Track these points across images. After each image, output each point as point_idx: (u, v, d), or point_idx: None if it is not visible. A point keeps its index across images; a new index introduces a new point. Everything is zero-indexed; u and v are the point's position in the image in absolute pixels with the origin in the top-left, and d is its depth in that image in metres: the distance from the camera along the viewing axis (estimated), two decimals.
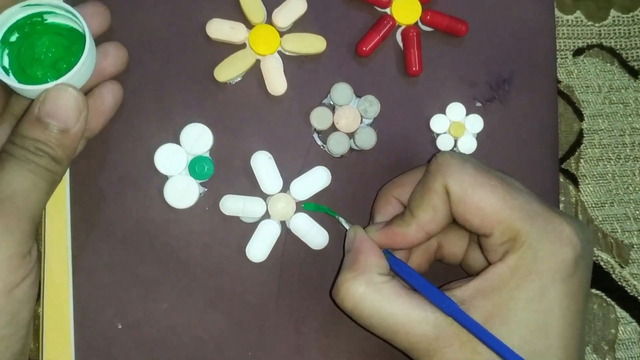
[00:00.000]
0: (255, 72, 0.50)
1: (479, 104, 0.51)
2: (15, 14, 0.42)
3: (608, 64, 0.56)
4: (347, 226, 0.47)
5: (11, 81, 0.40)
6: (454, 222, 0.43)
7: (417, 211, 0.43)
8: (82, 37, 0.42)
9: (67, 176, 0.48)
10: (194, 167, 0.48)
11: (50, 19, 0.43)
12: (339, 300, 0.43)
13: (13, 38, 0.42)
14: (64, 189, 0.48)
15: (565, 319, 0.39)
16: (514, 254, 0.40)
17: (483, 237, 0.42)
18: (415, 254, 0.47)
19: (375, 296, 0.41)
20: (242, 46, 0.50)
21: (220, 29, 0.49)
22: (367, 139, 0.49)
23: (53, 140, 0.39)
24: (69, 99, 0.39)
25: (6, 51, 0.42)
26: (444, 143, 0.51)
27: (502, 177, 0.42)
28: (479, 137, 0.51)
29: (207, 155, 0.49)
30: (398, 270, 0.44)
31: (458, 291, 0.41)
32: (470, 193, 0.41)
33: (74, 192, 0.48)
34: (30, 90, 0.40)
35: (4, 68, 0.42)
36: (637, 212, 0.55)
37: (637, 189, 0.55)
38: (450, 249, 0.48)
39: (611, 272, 0.55)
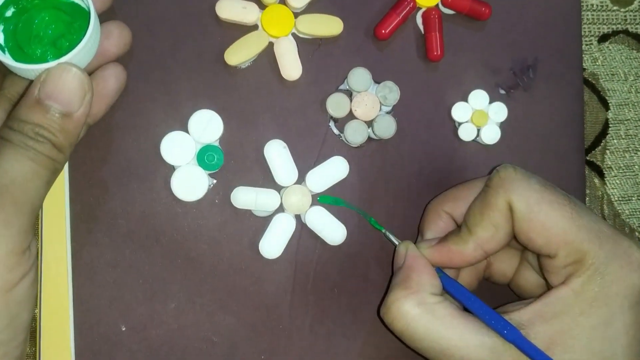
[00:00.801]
0: (268, 56, 0.47)
1: (502, 92, 0.49)
2: None
3: (634, 51, 0.53)
4: (396, 242, 0.45)
5: (8, 60, 0.37)
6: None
7: (476, 228, 0.40)
8: (85, 12, 0.39)
9: (66, 167, 0.45)
10: (203, 156, 0.45)
11: None
12: (389, 319, 0.40)
13: (9, 13, 0.39)
14: (62, 181, 0.44)
15: (631, 349, 0.37)
16: (579, 277, 0.37)
17: (545, 258, 0.39)
18: (464, 272, 0.45)
19: (428, 317, 0.39)
20: (254, 27, 0.47)
21: (231, 8, 0.46)
22: (387, 128, 0.46)
23: (54, 125, 0.36)
24: (73, 79, 0.36)
25: (1, 27, 0.39)
26: (466, 132, 0.48)
27: (567, 195, 0.39)
28: (503, 126, 0.48)
29: (217, 144, 0.46)
30: (452, 290, 0.41)
31: (515, 314, 0.38)
32: (537, 210, 0.38)
33: (74, 183, 0.44)
34: (29, 69, 0.36)
35: None
36: None
37: None
38: (500, 267, 0.45)
39: None
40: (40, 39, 0.39)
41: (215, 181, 0.46)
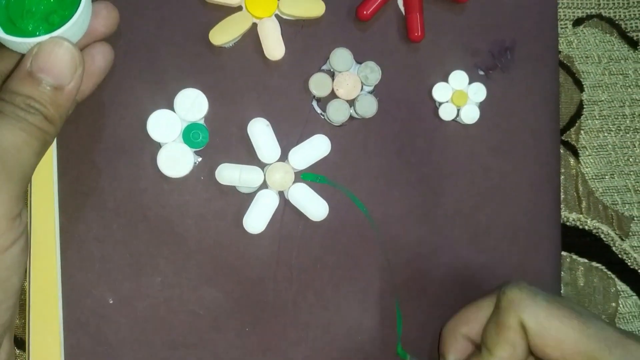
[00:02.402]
0: (252, 36, 0.48)
1: (481, 73, 0.50)
2: None
3: (607, 35, 0.55)
4: None
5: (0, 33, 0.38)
6: None
7: (496, 349, 0.42)
8: None
9: (54, 143, 0.45)
10: (189, 134, 0.46)
11: None
12: None
13: None
14: (51, 157, 0.45)
15: None
16: None
17: None
18: None
19: None
20: (238, 9, 0.47)
21: None
22: (368, 107, 0.48)
23: (46, 98, 0.37)
24: (65, 53, 0.37)
25: None
26: (446, 112, 0.49)
27: (570, 304, 0.42)
28: (482, 106, 0.50)
29: (202, 122, 0.46)
30: None
31: None
32: (547, 326, 0.41)
33: (62, 160, 0.45)
34: (21, 43, 0.37)
35: None
36: (637, 184, 0.54)
37: (637, 160, 0.54)
38: None
39: (611, 245, 0.54)
40: (33, 14, 0.39)
41: (200, 158, 0.47)
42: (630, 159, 0.54)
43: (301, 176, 0.47)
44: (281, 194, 0.47)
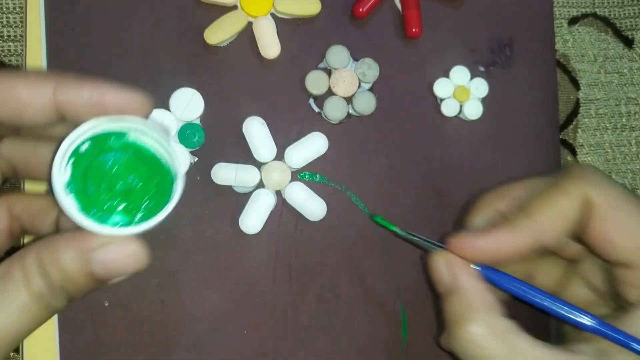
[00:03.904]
0: (247, 35, 0.47)
1: (481, 69, 0.50)
2: (100, 124, 0.32)
3: (602, 33, 0.55)
4: (431, 247, 0.39)
5: (70, 207, 0.31)
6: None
7: (537, 213, 0.35)
8: (167, 172, 0.34)
9: None
10: (184, 134, 0.45)
11: (134, 136, 0.34)
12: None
13: (84, 147, 0.33)
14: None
15: None
16: None
17: (621, 268, 0.35)
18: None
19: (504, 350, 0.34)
20: (233, 8, 0.47)
21: None
22: (366, 104, 0.47)
23: (87, 289, 0.31)
24: (136, 263, 0.31)
25: (71, 160, 0.32)
26: (449, 108, 0.49)
27: None
28: (484, 101, 0.49)
29: (198, 121, 0.46)
30: (514, 288, 0.36)
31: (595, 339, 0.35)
32: (619, 208, 0.34)
33: None
34: (94, 229, 0.31)
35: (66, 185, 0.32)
36: (634, 182, 0.54)
37: (634, 158, 0.54)
38: (543, 280, 0.41)
39: None
40: (111, 186, 0.33)
41: (196, 159, 0.46)
42: (627, 157, 0.54)
43: (298, 175, 0.47)
44: (278, 193, 0.47)
